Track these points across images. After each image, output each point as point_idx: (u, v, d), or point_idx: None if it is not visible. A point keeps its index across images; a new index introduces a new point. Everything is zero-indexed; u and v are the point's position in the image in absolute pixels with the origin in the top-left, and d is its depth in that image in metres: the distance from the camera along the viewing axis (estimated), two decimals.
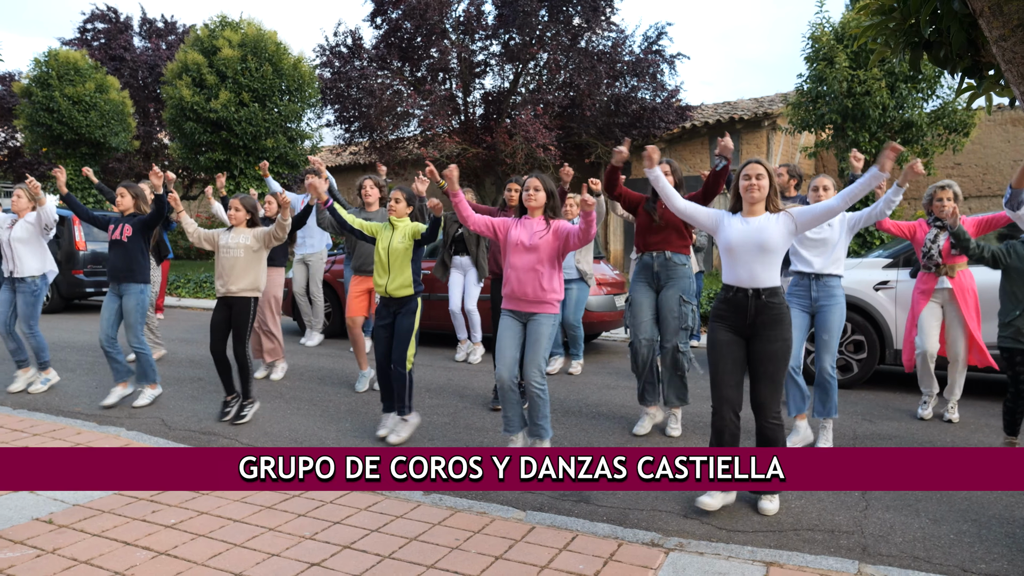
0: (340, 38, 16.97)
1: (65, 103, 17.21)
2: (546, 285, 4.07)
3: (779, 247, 3.45)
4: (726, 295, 3.54)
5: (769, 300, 3.45)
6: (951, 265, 5.11)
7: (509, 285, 4.13)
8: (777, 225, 3.46)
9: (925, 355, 5.25)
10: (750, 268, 3.45)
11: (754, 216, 3.53)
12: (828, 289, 4.56)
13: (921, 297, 5.26)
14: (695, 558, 2.94)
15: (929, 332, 5.22)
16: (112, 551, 2.99)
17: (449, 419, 5.28)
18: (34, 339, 5.90)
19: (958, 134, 11.32)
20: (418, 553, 2.99)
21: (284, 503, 3.52)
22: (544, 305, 4.10)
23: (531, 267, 4.06)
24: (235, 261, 5.12)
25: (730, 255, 3.50)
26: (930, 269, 5.16)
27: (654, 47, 16.16)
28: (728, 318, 3.52)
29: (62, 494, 3.60)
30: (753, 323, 3.46)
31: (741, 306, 3.47)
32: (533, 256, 4.06)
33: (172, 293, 14.13)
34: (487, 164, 15.69)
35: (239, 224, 5.25)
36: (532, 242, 4.07)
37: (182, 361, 7.42)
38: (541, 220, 4.16)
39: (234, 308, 5.15)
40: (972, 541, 3.24)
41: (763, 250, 3.42)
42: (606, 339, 9.21)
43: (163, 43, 22.80)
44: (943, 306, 5.23)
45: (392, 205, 4.71)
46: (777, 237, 3.44)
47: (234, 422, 5.07)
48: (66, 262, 11.13)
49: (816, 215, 3.48)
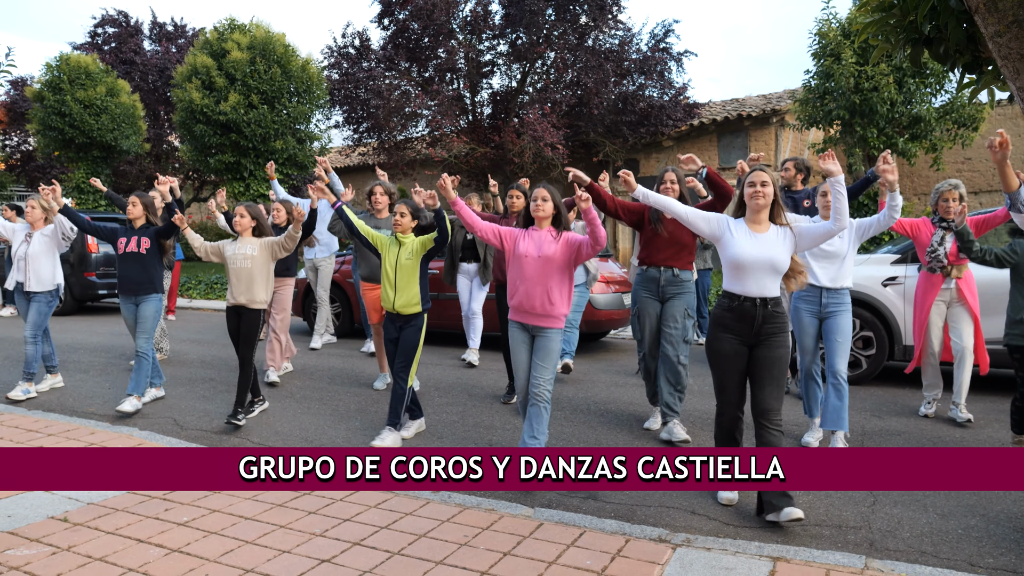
0: (348, 39, 17.05)
1: (77, 107, 17.36)
2: (555, 299, 3.97)
3: (787, 264, 3.46)
4: (731, 304, 3.48)
5: (775, 309, 3.46)
6: (959, 266, 5.10)
7: (516, 297, 4.05)
8: (784, 243, 3.46)
9: (933, 354, 5.27)
10: (760, 282, 3.43)
11: (761, 229, 3.49)
12: (838, 298, 4.55)
13: (926, 298, 5.26)
14: (702, 553, 2.96)
15: (935, 334, 5.24)
16: (126, 548, 3.04)
17: (458, 417, 5.31)
18: (32, 347, 5.80)
19: (967, 129, 11.25)
20: (427, 550, 3.02)
21: (294, 501, 3.56)
22: (551, 320, 4.01)
23: (540, 280, 3.97)
24: (241, 272, 5.07)
25: (738, 270, 3.46)
26: (935, 270, 5.15)
27: (661, 45, 16.14)
28: (733, 327, 3.48)
29: (77, 493, 3.66)
30: (759, 331, 3.45)
31: (748, 315, 3.44)
32: (542, 269, 3.97)
33: (183, 295, 14.25)
34: (495, 163, 15.72)
35: (244, 231, 5.17)
36: (542, 253, 3.98)
37: (193, 362, 7.49)
38: (550, 231, 4.07)
39: (243, 317, 5.10)
40: (980, 536, 3.24)
41: (774, 269, 3.43)
42: (614, 337, 9.22)
43: (173, 46, 22.93)
44: (948, 305, 5.23)
45: (397, 219, 4.62)
46: (785, 256, 3.45)
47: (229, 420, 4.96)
48: (79, 264, 11.24)
49: (815, 237, 3.51)
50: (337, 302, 8.98)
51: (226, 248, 5.18)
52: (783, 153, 15.93)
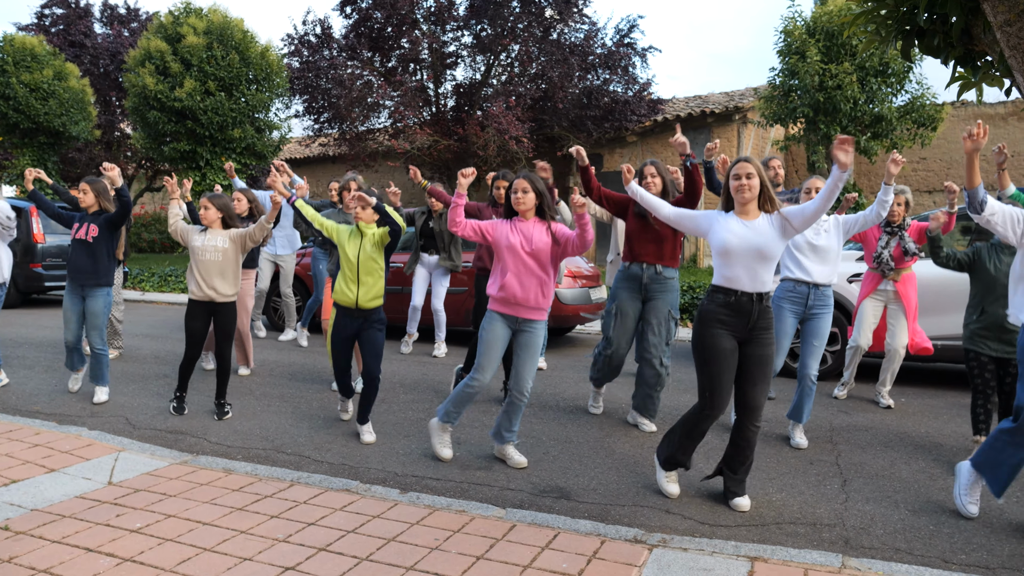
0: (309, 27, 16.67)
1: (22, 90, 16.64)
2: (547, 292, 3.93)
3: (778, 252, 3.38)
4: (727, 299, 3.39)
5: (767, 304, 3.41)
6: (898, 269, 5.27)
7: (507, 290, 3.90)
8: (772, 229, 3.38)
9: (858, 349, 5.47)
10: (752, 272, 3.35)
11: (750, 217, 3.42)
12: (824, 299, 4.52)
13: (863, 291, 5.46)
14: (679, 554, 2.90)
15: (865, 328, 5.41)
16: (73, 559, 2.85)
17: (424, 414, 5.19)
18: None
19: (926, 128, 11.50)
20: (397, 555, 2.90)
21: (255, 504, 3.40)
22: (541, 312, 3.95)
23: (534, 272, 3.87)
24: (212, 265, 4.89)
25: (727, 257, 3.37)
26: (884, 273, 5.29)
27: (626, 40, 16.14)
28: (729, 323, 3.39)
29: (19, 498, 3.44)
30: (753, 327, 3.40)
31: (744, 310, 3.37)
32: (535, 260, 3.87)
33: (136, 287, 13.78)
34: (459, 156, 15.55)
35: (212, 223, 4.98)
36: (534, 246, 3.86)
37: (147, 357, 7.20)
38: (536, 222, 3.94)
39: (219, 314, 4.97)
40: (951, 532, 3.25)
41: (763, 256, 3.34)
42: (580, 332, 9.17)
43: (125, 30, 22.16)
44: (886, 304, 5.41)
45: (359, 213, 4.44)
46: (776, 242, 3.36)
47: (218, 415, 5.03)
48: (24, 255, 10.76)
49: (807, 216, 3.36)
50: (299, 296, 8.75)
51: (194, 238, 4.97)
52: (745, 150, 16.09)
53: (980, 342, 4.28)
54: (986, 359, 4.28)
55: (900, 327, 5.33)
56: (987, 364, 4.28)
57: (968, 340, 4.35)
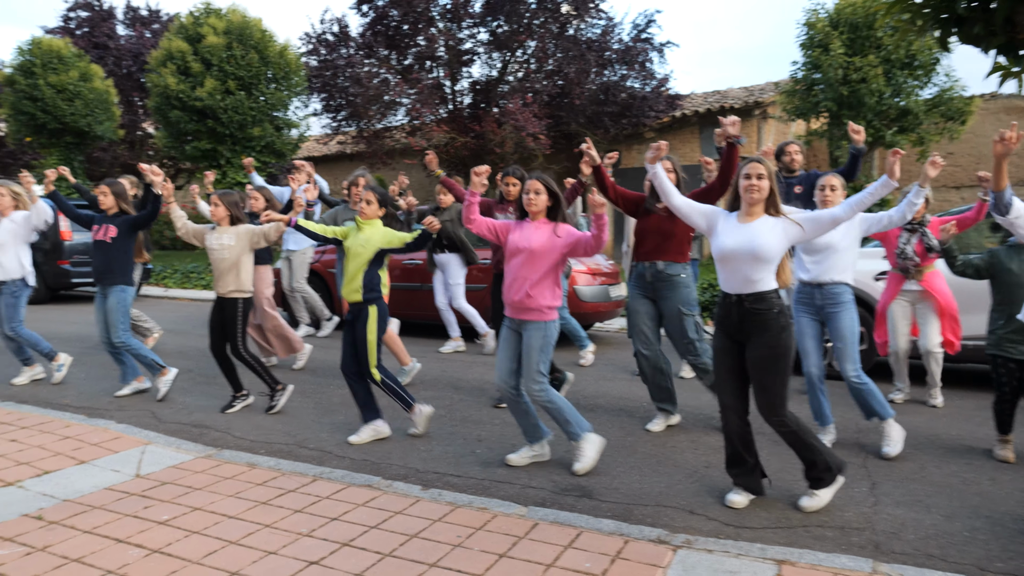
0: (326, 26, 16.76)
1: (49, 91, 16.89)
2: (532, 291, 3.81)
3: (774, 255, 3.31)
4: (722, 300, 3.48)
5: (753, 307, 3.32)
6: (921, 268, 5.15)
7: (505, 291, 3.94)
8: (773, 232, 3.31)
9: (898, 354, 5.36)
10: (741, 275, 3.34)
11: (751, 219, 3.38)
12: (833, 296, 4.31)
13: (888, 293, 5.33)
14: (704, 556, 2.87)
15: (900, 331, 5.30)
16: (104, 549, 2.89)
17: (445, 411, 5.19)
18: (22, 338, 5.74)
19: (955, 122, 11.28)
20: (419, 551, 2.90)
21: (279, 498, 3.42)
22: (532, 312, 3.86)
23: (521, 272, 3.85)
24: (221, 262, 4.98)
25: (723, 262, 3.39)
26: (907, 270, 5.18)
27: (643, 35, 16.03)
28: (723, 324, 3.47)
29: (51, 488, 3.50)
30: (741, 329, 3.38)
31: (730, 312, 3.41)
32: (526, 260, 3.83)
33: (159, 284, 13.93)
34: (476, 153, 15.53)
35: (220, 221, 5.04)
36: (529, 247, 3.84)
37: (171, 353, 7.27)
38: (542, 223, 3.91)
39: (224, 310, 5.04)
40: (987, 538, 3.17)
41: (756, 258, 3.29)
42: (599, 329, 9.14)
43: (147, 31, 22.40)
44: (914, 305, 5.29)
45: (363, 206, 4.46)
46: (773, 244, 3.29)
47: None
48: (52, 252, 10.93)
49: (823, 224, 3.36)
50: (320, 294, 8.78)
51: (207, 236, 5.06)
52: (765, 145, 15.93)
53: (1009, 347, 4.19)
54: (1014, 365, 4.20)
55: (931, 327, 5.19)
56: (1015, 369, 4.20)
57: (995, 346, 4.25)
